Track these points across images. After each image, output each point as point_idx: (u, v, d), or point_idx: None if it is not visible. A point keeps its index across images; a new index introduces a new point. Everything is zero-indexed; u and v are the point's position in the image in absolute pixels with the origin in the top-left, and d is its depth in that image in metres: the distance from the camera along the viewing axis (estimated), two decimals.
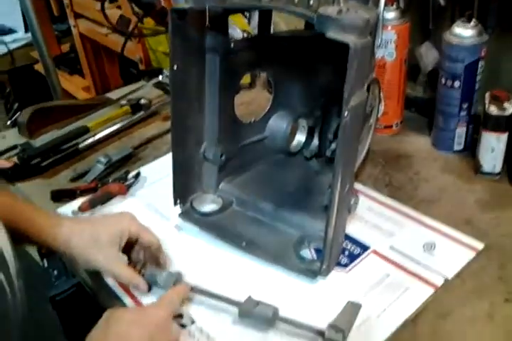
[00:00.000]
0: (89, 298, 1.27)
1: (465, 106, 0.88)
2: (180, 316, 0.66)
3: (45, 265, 1.07)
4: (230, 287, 0.69)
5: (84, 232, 0.69)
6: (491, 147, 0.83)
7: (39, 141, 1.07)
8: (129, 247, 0.73)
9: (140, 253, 0.74)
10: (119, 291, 0.73)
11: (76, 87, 2.15)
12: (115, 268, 0.69)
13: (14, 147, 1.07)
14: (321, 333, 0.60)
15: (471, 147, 0.92)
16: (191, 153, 0.81)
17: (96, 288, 0.76)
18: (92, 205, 0.87)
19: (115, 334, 0.56)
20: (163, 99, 1.22)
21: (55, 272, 1.30)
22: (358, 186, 0.87)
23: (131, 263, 0.73)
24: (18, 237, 0.62)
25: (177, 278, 0.69)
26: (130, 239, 0.71)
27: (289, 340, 0.64)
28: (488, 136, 0.83)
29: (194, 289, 0.68)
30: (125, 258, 0.71)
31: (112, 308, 0.62)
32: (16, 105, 2.46)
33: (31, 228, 0.67)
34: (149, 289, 0.70)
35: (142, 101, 1.16)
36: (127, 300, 0.71)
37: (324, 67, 0.86)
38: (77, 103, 1.30)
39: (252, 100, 1.16)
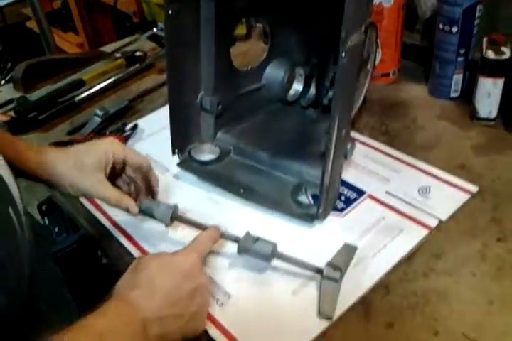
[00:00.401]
0: (90, 253, 1.30)
1: (462, 51, 0.88)
2: None
3: (46, 222, 1.09)
4: (227, 232, 0.71)
5: (69, 158, 0.67)
6: (488, 92, 0.83)
7: (35, 95, 1.08)
8: (116, 177, 0.72)
9: (131, 185, 0.73)
10: (120, 237, 0.74)
11: (70, 44, 2.12)
12: (102, 190, 0.67)
13: (10, 101, 1.07)
14: (319, 271, 0.62)
15: (468, 94, 0.92)
16: (188, 102, 0.81)
17: (98, 237, 0.77)
18: None
19: (144, 280, 0.54)
20: (158, 51, 1.20)
21: (56, 229, 1.32)
22: (354, 134, 0.88)
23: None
24: None
25: (174, 211, 0.68)
26: (117, 164, 0.69)
27: (286, 279, 0.65)
28: (484, 81, 0.83)
29: (224, 235, 0.66)
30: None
31: (138, 256, 0.61)
32: (9, 65, 2.43)
33: (16, 157, 0.64)
34: (140, 212, 0.68)
35: (137, 53, 1.16)
36: (130, 247, 0.73)
37: (321, 13, 0.84)
38: (71, 56, 1.28)
39: (248, 51, 1.15)
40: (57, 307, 0.70)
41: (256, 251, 0.63)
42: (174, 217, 0.68)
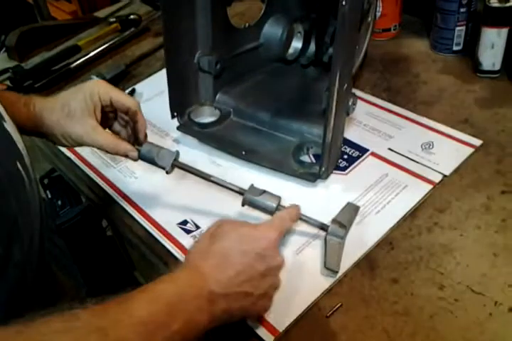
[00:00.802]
0: (94, 224, 1.31)
1: (464, 1, 0.85)
2: None
3: (49, 196, 1.09)
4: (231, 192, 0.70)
5: (56, 107, 0.63)
6: (491, 43, 0.81)
7: (30, 63, 1.06)
8: (111, 122, 0.68)
9: (127, 128, 0.68)
10: (123, 203, 0.74)
11: (63, 12, 2.08)
12: (95, 136, 0.62)
13: (5, 71, 1.06)
14: (323, 227, 0.62)
15: (471, 47, 0.89)
16: (185, 63, 0.79)
17: (101, 204, 0.77)
18: None
19: (219, 252, 0.52)
20: (153, 14, 1.18)
21: (59, 202, 1.33)
22: (356, 92, 0.85)
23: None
24: None
25: (176, 157, 0.64)
26: (107, 107, 0.64)
27: (289, 238, 0.65)
28: (488, 31, 0.80)
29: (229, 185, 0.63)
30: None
31: (222, 220, 0.56)
32: (2, 36, 2.39)
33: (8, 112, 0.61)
34: (139, 157, 0.64)
35: (131, 17, 1.13)
36: (134, 213, 0.73)
37: None
38: (65, 22, 1.26)
39: (246, 10, 1.13)
40: (67, 274, 0.71)
41: (261, 203, 0.62)
42: (175, 164, 0.64)
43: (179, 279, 0.48)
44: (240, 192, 0.63)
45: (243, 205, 0.63)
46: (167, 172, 0.64)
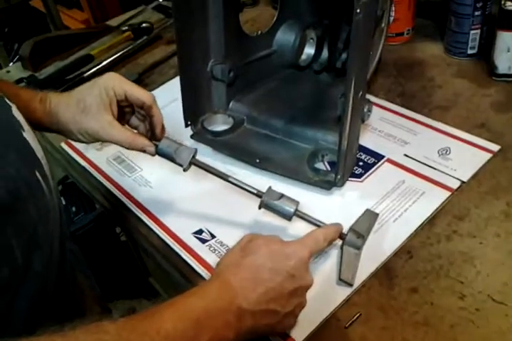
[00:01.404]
0: (108, 230, 1.31)
1: (479, 4, 0.84)
2: None
3: (63, 202, 1.10)
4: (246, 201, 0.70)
5: (71, 102, 0.62)
6: (507, 46, 0.80)
7: (44, 73, 1.07)
8: (129, 116, 0.67)
9: (145, 123, 0.66)
10: (137, 211, 0.74)
11: (75, 21, 2.09)
12: (112, 131, 0.61)
13: (20, 80, 1.06)
14: (340, 236, 0.61)
15: (485, 50, 0.88)
16: (198, 71, 0.79)
17: (115, 212, 0.77)
18: None
19: (249, 267, 0.51)
20: (165, 22, 1.18)
21: (74, 209, 1.34)
22: (370, 98, 0.85)
23: None
24: None
25: (194, 154, 0.62)
26: (122, 102, 0.63)
27: None
28: (503, 35, 0.79)
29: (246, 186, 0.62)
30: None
31: (251, 234, 0.55)
32: (16, 46, 2.41)
33: (23, 108, 0.59)
34: (156, 153, 0.63)
35: (144, 25, 1.13)
36: (148, 220, 0.73)
37: None
38: (78, 32, 1.26)
39: (257, 17, 1.13)
40: (83, 273, 0.71)
41: (279, 208, 0.60)
42: (193, 161, 0.62)
43: (209, 293, 0.48)
44: (258, 194, 0.62)
45: (260, 208, 0.61)
46: (184, 170, 0.63)
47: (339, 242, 0.62)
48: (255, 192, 0.62)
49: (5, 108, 0.50)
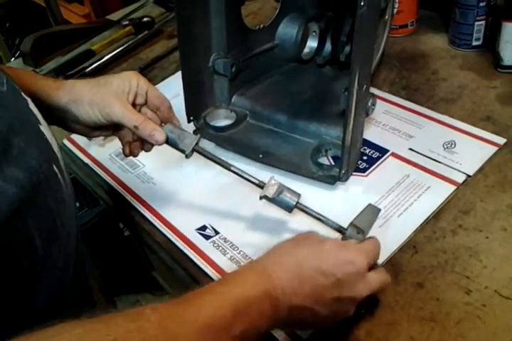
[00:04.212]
0: (112, 225, 1.31)
1: None
2: None
3: None
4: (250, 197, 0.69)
5: (90, 80, 0.63)
6: None
7: (45, 69, 1.06)
8: None
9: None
10: (139, 207, 0.74)
11: (76, 15, 2.08)
12: (127, 106, 0.60)
13: None
14: (341, 230, 0.60)
15: (491, 42, 0.87)
16: (200, 66, 0.78)
17: (117, 208, 0.77)
18: None
19: (295, 257, 0.49)
20: (166, 16, 1.17)
21: (78, 204, 1.34)
22: (374, 91, 0.84)
23: None
24: None
25: (197, 141, 0.62)
26: (139, 98, 0.63)
27: None
28: (509, 26, 0.78)
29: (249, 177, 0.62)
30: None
31: (305, 233, 0.55)
32: (17, 40, 2.41)
33: (36, 91, 0.60)
34: (166, 141, 0.62)
35: (144, 19, 1.12)
36: (150, 216, 0.72)
37: None
38: (78, 27, 1.25)
39: (259, 10, 1.11)
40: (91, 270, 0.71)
41: (280, 199, 0.60)
42: (196, 149, 0.62)
43: (247, 281, 0.47)
44: (260, 185, 0.61)
45: (261, 199, 0.61)
46: (186, 157, 0.62)
47: (339, 237, 0.62)
48: (257, 182, 0.61)
49: (22, 102, 0.50)
